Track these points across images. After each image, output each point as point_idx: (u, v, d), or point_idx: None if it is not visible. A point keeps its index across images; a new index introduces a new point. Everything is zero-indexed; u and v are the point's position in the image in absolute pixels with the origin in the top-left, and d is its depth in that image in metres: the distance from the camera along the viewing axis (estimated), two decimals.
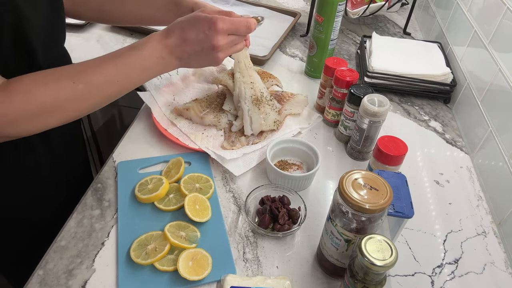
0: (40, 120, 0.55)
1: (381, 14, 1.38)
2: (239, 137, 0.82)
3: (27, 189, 0.72)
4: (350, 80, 0.81)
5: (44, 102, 0.54)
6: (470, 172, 0.83)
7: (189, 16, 0.64)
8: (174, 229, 0.64)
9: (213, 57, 0.65)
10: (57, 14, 0.67)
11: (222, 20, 0.62)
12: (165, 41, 0.63)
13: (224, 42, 0.64)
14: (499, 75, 0.79)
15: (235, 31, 0.65)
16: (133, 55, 0.61)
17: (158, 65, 0.63)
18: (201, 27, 0.62)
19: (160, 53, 0.62)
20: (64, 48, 0.77)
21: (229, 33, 0.64)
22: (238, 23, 0.64)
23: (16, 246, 0.78)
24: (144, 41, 0.63)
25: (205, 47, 0.63)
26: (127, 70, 0.61)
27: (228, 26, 0.63)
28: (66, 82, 0.56)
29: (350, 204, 0.50)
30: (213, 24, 0.62)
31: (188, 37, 0.62)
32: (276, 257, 0.65)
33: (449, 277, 0.64)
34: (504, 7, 0.81)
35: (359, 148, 0.80)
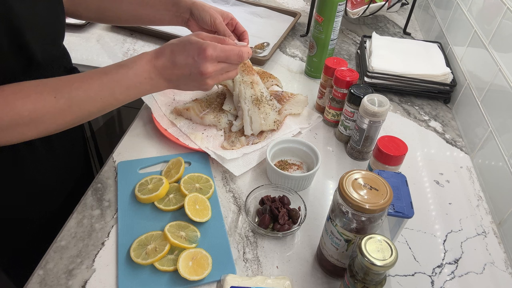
0: (17, 131, 0.54)
1: (381, 14, 1.38)
2: (239, 137, 0.82)
3: (27, 189, 0.72)
4: (350, 80, 0.81)
5: (21, 115, 0.53)
6: (470, 172, 0.83)
7: (182, 39, 0.64)
8: (174, 229, 0.64)
9: (202, 83, 0.64)
10: (57, 13, 0.67)
11: (212, 47, 0.61)
12: (155, 61, 0.62)
13: (212, 69, 0.63)
14: (499, 75, 0.79)
15: (226, 59, 0.64)
16: (120, 73, 0.60)
17: (146, 85, 0.62)
18: (191, 52, 0.62)
19: (148, 73, 0.62)
20: (63, 46, 0.77)
21: (219, 60, 0.63)
22: (229, 51, 0.63)
23: (16, 246, 0.78)
24: (134, 60, 0.62)
25: (193, 72, 0.62)
26: (112, 87, 0.60)
27: (218, 53, 0.62)
28: (47, 96, 0.55)
29: (350, 204, 0.50)
30: (202, 50, 0.61)
31: (177, 60, 0.62)
32: (276, 257, 0.65)
33: (449, 277, 0.64)
34: (504, 7, 0.81)
35: (359, 148, 0.80)
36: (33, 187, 0.73)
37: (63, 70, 0.76)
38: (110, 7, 0.80)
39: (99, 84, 0.59)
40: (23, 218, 0.75)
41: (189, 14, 0.81)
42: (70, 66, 0.80)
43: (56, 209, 0.78)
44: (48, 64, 0.67)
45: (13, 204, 0.72)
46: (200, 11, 0.79)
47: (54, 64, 0.71)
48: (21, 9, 0.57)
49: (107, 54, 1.07)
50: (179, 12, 0.81)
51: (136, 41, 1.13)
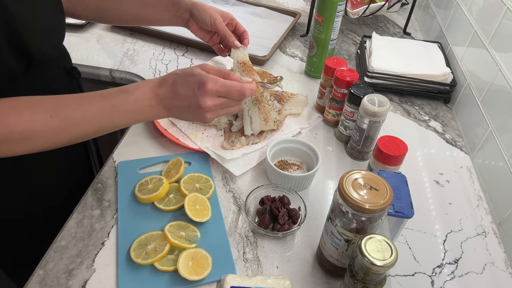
0: (7, 147, 0.54)
1: (381, 14, 1.38)
2: (239, 137, 0.82)
3: (27, 189, 0.72)
4: (350, 80, 0.81)
5: (13, 131, 0.53)
6: (470, 172, 0.83)
7: (186, 70, 0.63)
8: (174, 229, 0.64)
9: (201, 116, 0.63)
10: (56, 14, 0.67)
11: (213, 81, 0.61)
12: (157, 89, 0.62)
13: (211, 103, 0.62)
14: (499, 75, 0.79)
15: (226, 94, 0.63)
16: (121, 97, 0.60)
17: (145, 111, 0.62)
18: (192, 84, 0.61)
19: (149, 100, 0.61)
20: (63, 47, 0.77)
21: (219, 95, 0.63)
22: (230, 86, 0.63)
23: (16, 246, 0.78)
24: (136, 86, 0.62)
25: (192, 104, 0.62)
26: (110, 111, 0.59)
27: (218, 88, 0.61)
28: (42, 114, 0.54)
29: (350, 204, 0.50)
30: (202, 84, 0.60)
31: (178, 91, 0.62)
32: (276, 257, 0.65)
33: (449, 277, 0.64)
34: (504, 7, 0.81)
35: (359, 148, 0.80)
36: (33, 187, 0.73)
37: (62, 70, 0.76)
38: (110, 7, 0.80)
39: (97, 107, 0.58)
40: (23, 218, 0.75)
41: (189, 14, 0.81)
42: (70, 66, 0.80)
43: (56, 209, 0.78)
44: (48, 64, 0.67)
45: (13, 204, 0.72)
46: (200, 11, 0.79)
47: (54, 64, 0.71)
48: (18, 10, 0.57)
49: (107, 54, 1.07)
50: (179, 12, 0.81)
51: (136, 41, 1.13)
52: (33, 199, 0.74)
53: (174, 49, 1.12)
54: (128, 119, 0.61)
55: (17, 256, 0.79)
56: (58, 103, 0.57)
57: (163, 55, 1.08)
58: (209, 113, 0.63)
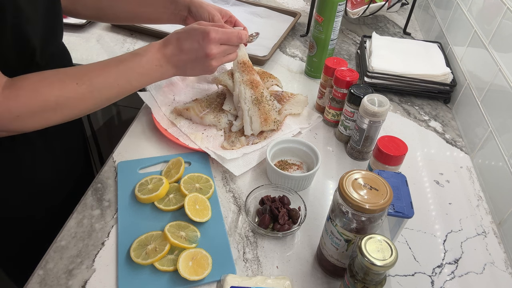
0: (43, 117, 0.58)
1: (381, 14, 1.38)
2: (239, 137, 0.82)
3: (26, 188, 0.72)
4: (350, 80, 0.81)
5: (48, 100, 0.57)
6: (470, 172, 0.83)
7: (186, 28, 0.69)
8: (174, 229, 0.64)
9: (207, 65, 0.69)
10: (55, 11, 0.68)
11: (215, 30, 0.67)
12: (163, 50, 0.67)
13: (216, 51, 0.69)
14: (499, 75, 0.79)
15: (227, 41, 0.70)
16: (135, 60, 0.65)
17: (156, 72, 0.68)
18: (196, 37, 0.67)
19: (158, 61, 0.67)
20: (62, 44, 0.77)
21: (222, 42, 0.69)
22: (230, 33, 0.70)
23: (16, 246, 0.78)
24: (145, 48, 0.67)
25: (199, 56, 0.68)
26: (127, 74, 0.65)
27: (221, 36, 0.68)
28: (70, 83, 0.59)
29: (350, 204, 0.50)
30: (206, 34, 0.67)
31: (183, 46, 0.67)
32: (276, 257, 0.65)
33: (449, 277, 0.64)
34: (504, 7, 0.81)
35: (359, 148, 0.80)
36: (32, 186, 0.73)
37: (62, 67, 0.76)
38: (108, 5, 0.81)
39: (116, 72, 0.64)
40: (23, 218, 0.75)
41: (187, 12, 0.81)
42: (70, 65, 0.80)
43: (56, 209, 0.78)
44: (47, 62, 0.67)
45: (13, 203, 0.72)
46: (198, 8, 0.79)
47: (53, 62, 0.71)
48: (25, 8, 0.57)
49: (107, 54, 1.07)
50: (177, 9, 0.81)
51: (136, 41, 1.13)
52: (32, 199, 0.74)
53: None
54: (143, 80, 0.67)
55: (17, 256, 0.79)
56: (81, 71, 0.62)
57: None
58: (214, 60, 0.70)
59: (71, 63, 0.80)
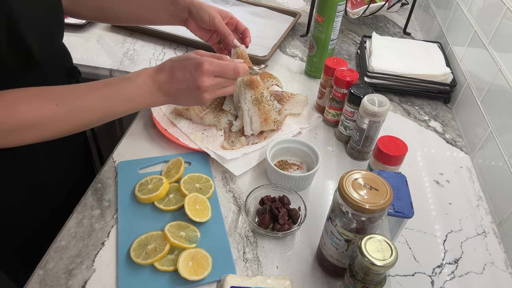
0: (17, 135, 0.56)
1: (381, 14, 1.38)
2: (239, 137, 0.82)
3: (26, 188, 0.72)
4: (350, 80, 0.81)
5: (24, 119, 0.55)
6: (470, 172, 0.83)
7: (181, 56, 0.67)
8: (174, 229, 0.64)
9: (199, 96, 0.66)
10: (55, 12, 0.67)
11: (209, 62, 0.64)
12: (156, 76, 0.65)
13: (209, 83, 0.65)
14: (499, 75, 0.79)
15: (222, 74, 0.66)
16: (122, 85, 0.63)
17: (146, 98, 0.65)
18: (189, 67, 0.64)
19: (149, 87, 0.64)
20: (62, 44, 0.77)
21: (216, 75, 0.66)
22: (225, 65, 0.66)
23: (16, 246, 0.78)
24: (136, 74, 0.65)
25: (190, 86, 0.65)
26: (113, 99, 0.62)
27: (215, 68, 0.65)
28: (49, 103, 0.57)
29: (350, 204, 0.50)
30: (199, 65, 0.64)
31: (176, 75, 0.65)
32: (276, 257, 0.65)
33: (449, 277, 0.64)
34: (504, 7, 0.81)
35: (359, 148, 0.80)
36: (32, 186, 0.73)
37: (63, 69, 0.76)
38: (109, 6, 0.81)
39: (100, 95, 0.61)
40: (23, 218, 0.75)
41: (187, 13, 0.81)
42: (70, 65, 0.80)
43: (56, 209, 0.78)
44: (47, 62, 0.67)
45: (12, 204, 0.72)
46: (198, 9, 0.79)
47: (53, 62, 0.71)
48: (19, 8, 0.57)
49: (107, 54, 1.07)
50: (178, 11, 0.81)
51: (136, 41, 1.13)
52: (32, 199, 0.74)
53: (174, 49, 1.12)
54: (130, 106, 0.64)
55: (17, 256, 0.79)
56: (64, 92, 0.60)
57: (163, 55, 1.08)
58: (207, 93, 0.66)
59: (71, 63, 0.80)
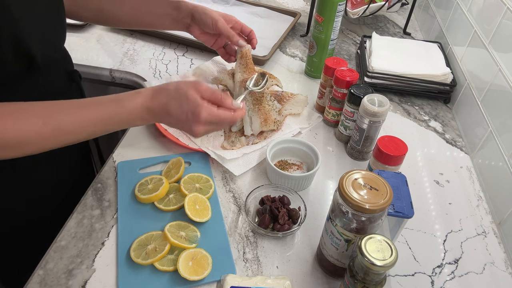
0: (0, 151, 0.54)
1: (381, 14, 1.38)
2: (239, 137, 0.82)
3: (26, 188, 0.72)
4: (350, 80, 0.81)
5: (7, 136, 0.53)
6: (470, 172, 0.83)
7: (179, 89, 0.62)
8: (174, 229, 0.64)
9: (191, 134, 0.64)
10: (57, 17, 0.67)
11: (207, 111, 0.61)
12: (149, 104, 0.62)
13: (203, 129, 0.63)
14: (499, 75, 0.79)
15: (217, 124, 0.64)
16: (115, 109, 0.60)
17: (136, 122, 0.63)
18: (186, 108, 0.61)
19: (141, 113, 0.62)
20: (64, 49, 0.76)
21: (211, 123, 0.63)
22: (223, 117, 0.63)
23: (15, 246, 0.78)
24: (129, 98, 0.61)
25: (184, 127, 0.64)
26: (104, 121, 0.60)
27: (212, 118, 0.62)
28: (35, 121, 0.55)
29: (350, 204, 0.50)
30: (197, 113, 0.61)
31: (171, 110, 0.62)
32: (276, 257, 0.65)
33: (449, 277, 0.64)
34: (504, 7, 0.81)
35: (359, 148, 0.80)
36: (32, 186, 0.73)
37: (63, 72, 0.75)
38: (111, 8, 0.80)
39: (90, 116, 0.59)
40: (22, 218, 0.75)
41: (190, 18, 0.80)
42: (71, 68, 0.79)
43: (56, 209, 0.78)
44: (48, 67, 0.67)
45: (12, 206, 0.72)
46: (201, 14, 0.78)
47: (54, 67, 0.71)
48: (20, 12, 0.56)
49: (107, 54, 1.07)
50: (180, 16, 0.80)
51: (136, 41, 1.13)
52: (32, 199, 0.74)
53: (174, 49, 1.12)
54: (120, 127, 0.63)
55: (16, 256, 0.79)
56: (51, 109, 0.57)
57: (163, 55, 1.08)
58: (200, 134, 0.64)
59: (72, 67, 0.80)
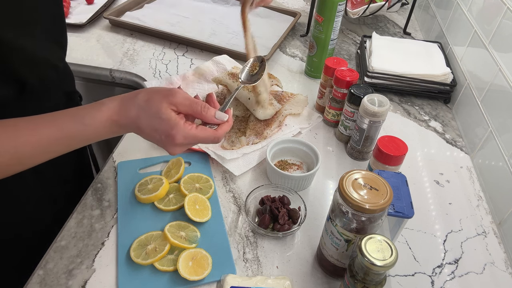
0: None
1: (381, 14, 1.38)
2: (239, 137, 0.82)
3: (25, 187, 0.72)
4: (350, 80, 0.81)
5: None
6: (470, 172, 0.83)
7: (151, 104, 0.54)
8: (174, 229, 0.64)
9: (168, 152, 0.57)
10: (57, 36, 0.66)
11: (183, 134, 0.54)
12: (116, 118, 0.54)
13: (180, 150, 0.57)
14: (499, 75, 0.79)
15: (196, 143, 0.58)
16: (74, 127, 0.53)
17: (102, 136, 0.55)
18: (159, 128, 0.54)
19: (109, 128, 0.54)
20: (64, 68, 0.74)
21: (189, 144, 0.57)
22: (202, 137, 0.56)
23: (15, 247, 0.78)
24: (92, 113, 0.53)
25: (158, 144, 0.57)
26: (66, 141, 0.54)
27: (189, 141, 0.55)
28: None
29: (350, 204, 0.50)
30: (171, 136, 0.54)
31: (141, 127, 0.54)
32: (276, 257, 0.65)
33: (449, 277, 0.64)
34: (504, 7, 0.81)
35: (359, 148, 0.80)
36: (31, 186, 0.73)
37: (62, 94, 0.73)
38: None
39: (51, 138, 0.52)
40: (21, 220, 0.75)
41: None
42: (71, 89, 0.77)
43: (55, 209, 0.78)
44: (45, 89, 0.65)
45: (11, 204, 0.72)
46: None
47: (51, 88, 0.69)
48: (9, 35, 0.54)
49: (107, 54, 1.07)
50: None
51: (136, 41, 1.13)
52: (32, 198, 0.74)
53: (174, 49, 1.12)
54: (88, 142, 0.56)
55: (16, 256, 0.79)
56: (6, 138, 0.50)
57: (163, 55, 1.08)
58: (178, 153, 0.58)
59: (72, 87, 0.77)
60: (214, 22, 1.22)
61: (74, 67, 1.01)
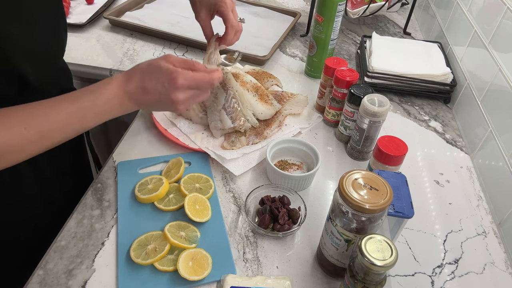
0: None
1: (381, 14, 1.38)
2: (239, 137, 0.82)
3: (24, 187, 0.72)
4: (350, 80, 0.81)
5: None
6: (470, 172, 0.83)
7: (151, 63, 0.62)
8: (174, 229, 0.64)
9: (172, 108, 0.64)
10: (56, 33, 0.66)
11: (183, 76, 0.61)
12: (125, 87, 0.61)
13: (183, 96, 0.62)
14: (499, 75, 0.79)
15: (196, 87, 0.64)
16: (90, 100, 0.59)
17: (116, 109, 0.62)
18: (161, 78, 0.61)
19: (119, 99, 0.60)
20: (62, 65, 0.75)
21: (190, 88, 0.63)
22: (200, 79, 0.63)
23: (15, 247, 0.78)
24: (103, 85, 0.60)
25: (163, 98, 0.62)
26: (82, 115, 0.58)
27: (189, 82, 0.62)
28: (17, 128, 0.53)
29: (350, 204, 0.50)
30: (173, 79, 0.60)
31: (147, 86, 0.61)
32: (276, 257, 0.65)
33: (449, 277, 0.64)
34: (504, 7, 0.81)
35: (359, 148, 0.80)
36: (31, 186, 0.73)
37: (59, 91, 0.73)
38: None
39: (68, 113, 0.57)
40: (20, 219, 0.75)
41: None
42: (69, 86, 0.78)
43: (55, 209, 0.78)
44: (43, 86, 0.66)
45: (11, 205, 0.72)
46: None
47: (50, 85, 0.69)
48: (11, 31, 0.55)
49: (107, 54, 1.07)
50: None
51: (136, 41, 1.13)
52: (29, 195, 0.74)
53: (174, 49, 1.12)
54: (100, 119, 0.61)
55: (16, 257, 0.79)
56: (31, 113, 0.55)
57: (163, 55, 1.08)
58: (181, 105, 0.63)
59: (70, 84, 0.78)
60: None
61: (74, 67, 1.01)
